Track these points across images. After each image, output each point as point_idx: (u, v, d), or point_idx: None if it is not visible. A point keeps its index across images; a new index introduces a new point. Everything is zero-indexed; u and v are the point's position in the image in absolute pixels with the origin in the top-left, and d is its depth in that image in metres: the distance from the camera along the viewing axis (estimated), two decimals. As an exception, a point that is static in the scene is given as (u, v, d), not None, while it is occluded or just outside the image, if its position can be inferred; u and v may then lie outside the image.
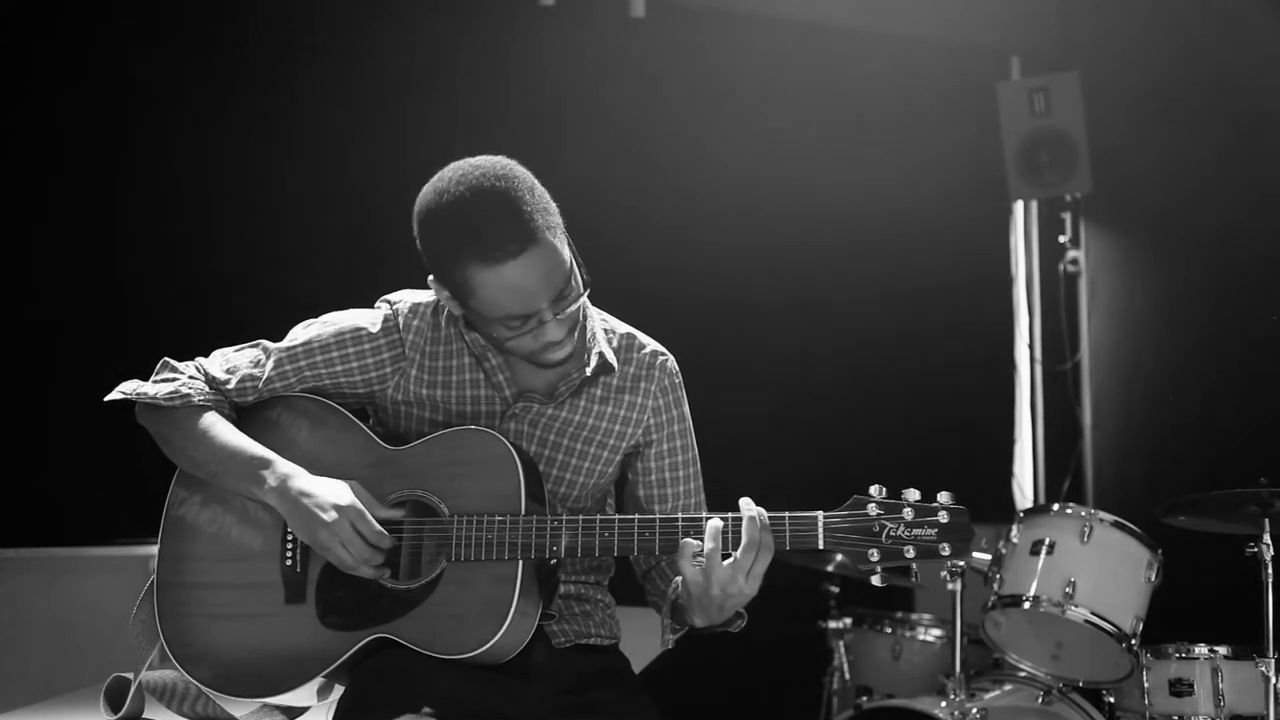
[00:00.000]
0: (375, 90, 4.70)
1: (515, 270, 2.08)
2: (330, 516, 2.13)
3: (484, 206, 2.08)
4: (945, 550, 2.06)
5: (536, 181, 2.15)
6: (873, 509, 2.08)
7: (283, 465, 2.20)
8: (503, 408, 2.31)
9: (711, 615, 2.15)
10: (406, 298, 2.37)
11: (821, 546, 2.07)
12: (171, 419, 2.26)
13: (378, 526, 2.14)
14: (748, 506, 2.09)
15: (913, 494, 2.09)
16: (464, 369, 2.31)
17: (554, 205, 2.16)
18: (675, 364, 2.42)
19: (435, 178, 2.17)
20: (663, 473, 2.39)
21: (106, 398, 2.29)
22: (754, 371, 5.05)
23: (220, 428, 2.24)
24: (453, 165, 2.16)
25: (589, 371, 2.31)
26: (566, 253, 2.14)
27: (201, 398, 2.26)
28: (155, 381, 2.29)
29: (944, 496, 2.08)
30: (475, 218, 2.09)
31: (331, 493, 2.15)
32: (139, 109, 4.47)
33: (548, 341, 2.17)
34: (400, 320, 2.33)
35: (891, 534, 2.07)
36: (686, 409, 2.43)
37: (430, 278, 2.22)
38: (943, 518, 2.06)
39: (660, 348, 2.42)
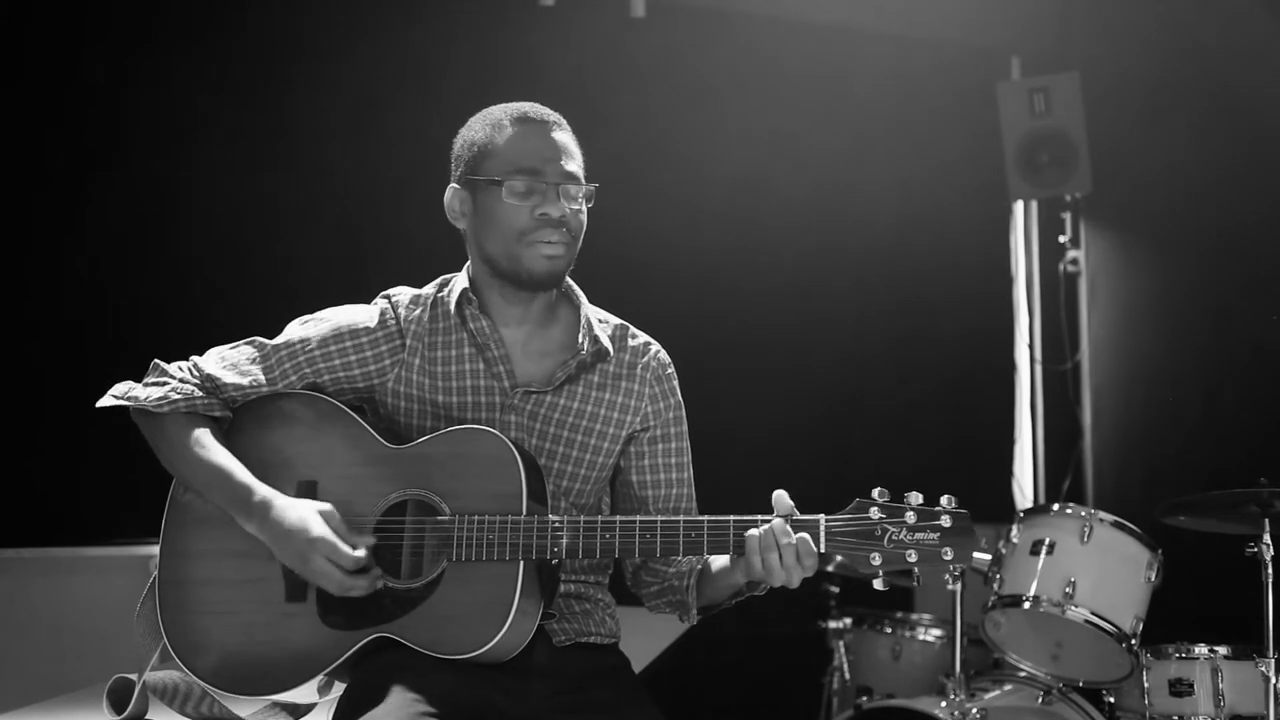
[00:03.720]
0: (374, 90, 4.69)
1: (540, 131, 2.30)
2: (302, 553, 2.12)
3: (530, 102, 2.37)
4: (948, 554, 2.04)
5: None
6: (875, 512, 2.07)
7: (259, 494, 2.19)
8: (502, 398, 2.31)
9: None
10: (406, 291, 2.40)
11: (823, 550, 2.06)
12: (160, 426, 2.27)
13: (351, 553, 2.12)
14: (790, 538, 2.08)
15: (915, 497, 2.07)
16: (464, 359, 2.32)
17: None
18: (666, 355, 2.44)
19: None
20: (656, 458, 2.39)
21: (98, 403, 2.30)
22: (754, 372, 5.05)
23: (204, 444, 2.24)
24: None
25: (585, 355, 2.33)
26: (581, 165, 2.33)
27: (188, 404, 2.26)
28: (146, 385, 2.29)
29: (946, 500, 2.07)
30: (521, 103, 2.36)
31: (301, 525, 2.13)
32: (133, 108, 4.46)
33: (544, 213, 2.24)
34: (400, 312, 2.35)
35: (894, 537, 2.06)
36: (681, 399, 2.44)
37: (450, 188, 2.34)
38: (945, 521, 2.05)
39: (651, 339, 2.45)
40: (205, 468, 2.22)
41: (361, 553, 2.14)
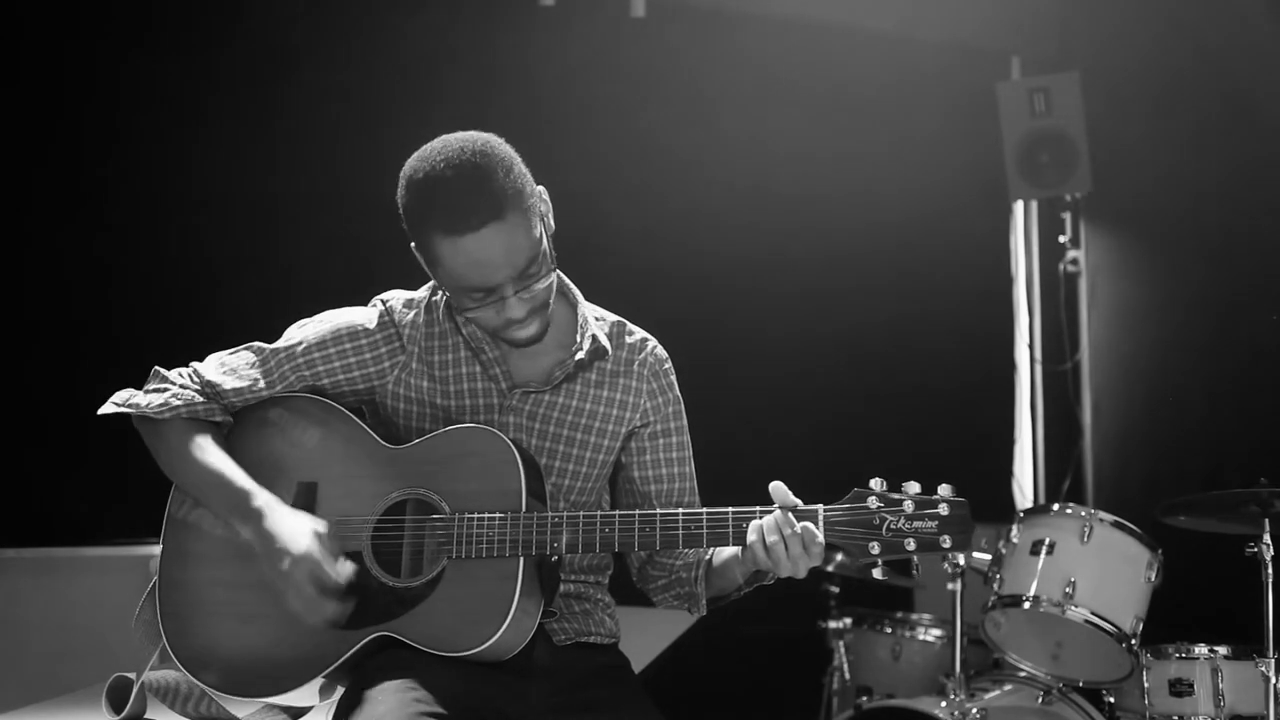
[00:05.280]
0: (373, 90, 4.70)
1: (474, 243, 2.10)
2: (285, 564, 2.10)
3: (453, 179, 2.10)
4: (946, 543, 2.05)
5: (517, 160, 2.17)
6: (873, 502, 2.08)
7: (258, 500, 2.18)
8: (500, 399, 2.31)
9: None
10: (400, 294, 2.40)
11: (821, 539, 2.07)
12: (160, 433, 2.26)
13: (334, 577, 2.10)
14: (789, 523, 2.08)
15: (913, 487, 2.09)
16: (460, 362, 2.33)
17: (532, 185, 2.17)
18: (663, 350, 2.44)
19: (422, 147, 2.20)
20: (657, 453, 2.39)
21: (99, 411, 2.29)
22: (754, 370, 5.05)
23: (204, 450, 2.23)
24: (440, 137, 2.20)
25: (583, 355, 2.32)
26: (536, 233, 2.15)
27: (189, 410, 2.26)
28: (146, 391, 2.29)
29: (944, 489, 2.08)
30: (443, 189, 2.11)
31: (293, 537, 2.12)
32: (132, 111, 4.47)
33: (509, 318, 2.18)
34: (395, 315, 2.35)
35: (892, 526, 2.07)
36: (679, 394, 2.43)
37: (413, 244, 2.23)
38: (943, 510, 2.06)
39: (648, 335, 2.44)
40: (204, 473, 2.22)
41: (345, 574, 2.12)
